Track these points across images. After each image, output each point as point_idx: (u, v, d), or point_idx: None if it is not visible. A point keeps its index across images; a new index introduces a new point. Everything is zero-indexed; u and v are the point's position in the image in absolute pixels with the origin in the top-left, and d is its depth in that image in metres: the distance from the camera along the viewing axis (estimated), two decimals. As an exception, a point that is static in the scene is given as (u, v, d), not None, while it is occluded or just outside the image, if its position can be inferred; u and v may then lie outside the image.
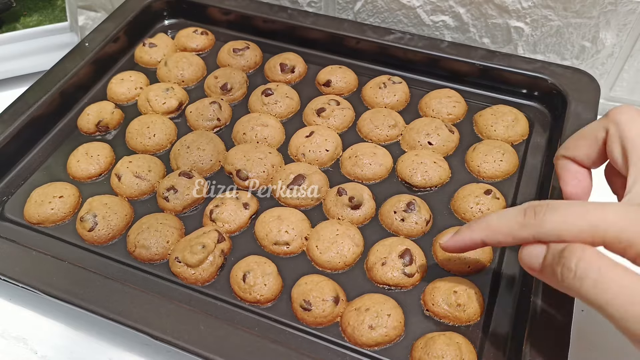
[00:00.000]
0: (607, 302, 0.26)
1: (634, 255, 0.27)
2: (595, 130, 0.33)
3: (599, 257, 0.27)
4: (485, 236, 0.32)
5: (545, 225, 0.29)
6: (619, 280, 0.26)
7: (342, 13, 0.63)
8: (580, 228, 0.28)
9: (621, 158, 0.31)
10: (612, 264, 0.26)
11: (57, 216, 0.45)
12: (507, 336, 0.38)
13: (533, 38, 0.56)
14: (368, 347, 0.37)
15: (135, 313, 0.37)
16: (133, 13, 0.60)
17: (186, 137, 0.50)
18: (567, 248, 0.28)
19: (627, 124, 0.31)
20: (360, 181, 0.47)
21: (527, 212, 0.30)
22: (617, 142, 0.32)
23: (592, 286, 0.26)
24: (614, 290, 0.26)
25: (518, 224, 0.30)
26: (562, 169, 0.35)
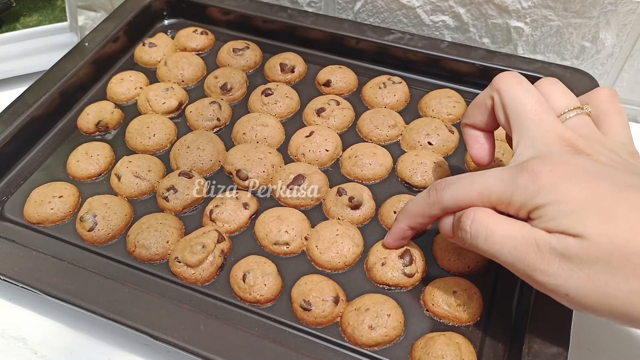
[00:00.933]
0: (496, 252, 0.30)
1: (515, 211, 0.31)
2: (484, 99, 0.37)
3: (487, 216, 0.31)
4: (409, 222, 0.38)
5: (444, 200, 0.34)
6: (502, 233, 0.30)
7: (342, 13, 0.63)
8: (470, 197, 0.32)
9: (505, 123, 0.35)
10: (498, 220, 0.31)
11: (56, 216, 0.45)
12: (507, 336, 0.38)
13: (533, 38, 0.56)
14: (368, 347, 0.37)
15: (135, 313, 0.37)
16: (133, 13, 0.60)
17: (186, 137, 0.50)
18: (463, 213, 0.32)
19: (506, 92, 0.34)
20: (360, 181, 0.47)
21: (430, 192, 0.35)
22: (501, 109, 0.35)
23: (484, 241, 0.31)
24: (500, 242, 0.30)
25: (427, 204, 0.35)
26: (466, 135, 0.39)
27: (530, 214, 0.30)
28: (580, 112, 0.34)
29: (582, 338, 0.40)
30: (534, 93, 0.34)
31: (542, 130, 0.32)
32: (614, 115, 0.34)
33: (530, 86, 0.34)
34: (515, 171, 0.31)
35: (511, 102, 0.34)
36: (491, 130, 0.39)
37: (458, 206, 0.33)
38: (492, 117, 0.37)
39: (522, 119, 0.33)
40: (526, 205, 0.30)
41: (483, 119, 0.37)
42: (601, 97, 0.35)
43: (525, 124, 0.33)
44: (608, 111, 0.34)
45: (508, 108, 0.34)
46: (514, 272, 0.31)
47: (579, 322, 0.40)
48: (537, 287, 0.30)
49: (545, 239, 0.29)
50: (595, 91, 0.35)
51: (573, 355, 0.34)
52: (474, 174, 0.33)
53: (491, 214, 0.31)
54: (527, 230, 0.30)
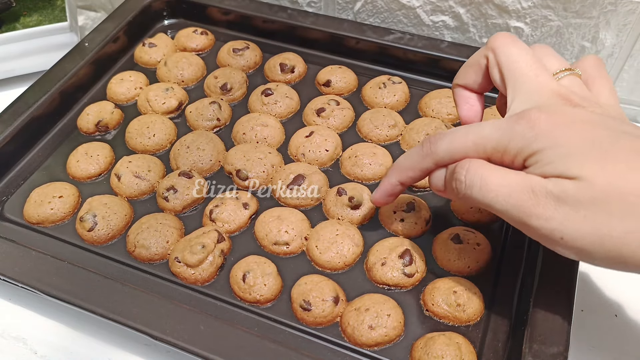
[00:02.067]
0: (491, 200, 0.31)
1: (511, 159, 0.31)
2: (478, 58, 0.37)
3: (481, 165, 0.31)
4: (399, 176, 0.37)
5: (439, 151, 0.34)
6: (497, 181, 0.30)
7: (342, 13, 0.63)
8: (465, 147, 0.32)
9: (500, 81, 0.35)
10: (492, 169, 0.31)
11: (56, 216, 0.45)
12: (507, 336, 0.38)
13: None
14: (368, 347, 0.37)
15: (135, 313, 0.37)
16: (133, 13, 0.60)
17: (186, 137, 0.50)
18: (457, 164, 0.33)
19: (501, 49, 0.35)
20: (360, 181, 0.47)
21: (424, 144, 0.35)
22: (495, 67, 0.35)
23: (478, 190, 0.31)
24: (494, 190, 0.30)
25: (420, 157, 0.35)
26: (456, 95, 0.40)
27: (526, 161, 0.30)
28: (572, 73, 0.35)
29: (583, 338, 0.40)
30: (527, 51, 0.34)
31: (538, 85, 0.33)
32: (601, 79, 0.35)
33: (524, 45, 0.35)
34: (513, 120, 0.31)
35: (506, 60, 0.34)
36: (482, 91, 0.39)
37: (452, 158, 0.33)
38: (486, 77, 0.37)
39: (517, 75, 0.34)
40: (522, 152, 0.30)
41: (477, 79, 0.38)
42: (589, 63, 0.36)
43: (520, 79, 0.33)
44: (596, 76, 0.35)
45: (503, 65, 0.35)
46: (508, 220, 0.31)
47: (579, 321, 0.40)
48: (531, 234, 0.30)
49: (541, 184, 0.29)
50: (584, 58, 0.37)
51: (574, 354, 0.34)
52: (469, 125, 0.33)
53: (485, 163, 0.32)
54: (522, 177, 0.30)
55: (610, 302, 0.43)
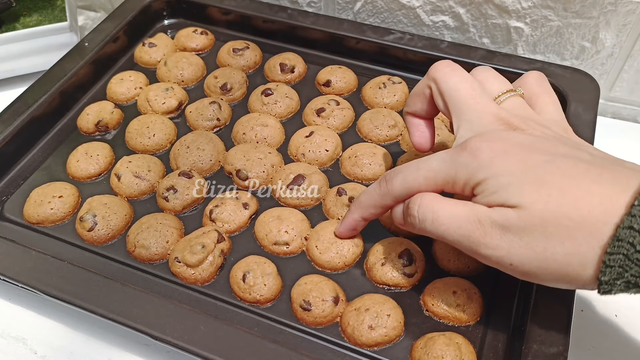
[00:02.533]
0: (443, 232, 0.32)
1: (460, 189, 0.32)
2: (422, 88, 0.38)
3: (432, 199, 0.33)
4: (362, 214, 0.39)
5: (395, 189, 0.35)
6: (447, 214, 0.32)
7: (341, 13, 0.63)
8: (418, 182, 0.34)
9: (445, 109, 0.36)
10: (442, 202, 0.32)
11: (56, 216, 0.45)
12: (507, 336, 0.38)
13: (533, 38, 0.56)
14: (368, 347, 0.37)
15: (135, 313, 0.37)
16: (133, 13, 0.60)
17: (186, 137, 0.50)
18: (410, 200, 0.34)
19: (442, 79, 0.36)
20: (360, 181, 0.47)
21: (381, 182, 0.36)
22: (439, 97, 0.37)
23: (431, 224, 0.32)
24: (445, 223, 0.32)
25: (378, 195, 0.36)
26: (407, 123, 0.41)
27: (474, 190, 0.32)
28: (514, 94, 0.36)
29: (582, 338, 0.40)
30: (467, 78, 0.35)
31: (478, 112, 0.34)
32: (544, 95, 0.36)
33: (464, 72, 0.36)
34: (457, 151, 0.32)
35: (447, 89, 0.36)
36: (431, 117, 0.40)
37: (408, 193, 0.34)
38: (432, 104, 0.39)
39: (459, 104, 0.35)
40: (469, 182, 0.31)
41: (423, 107, 0.39)
42: (531, 80, 0.37)
43: (462, 108, 0.35)
44: (539, 93, 0.36)
45: (445, 95, 0.36)
46: (461, 249, 0.32)
47: (579, 322, 0.40)
48: (483, 261, 0.32)
49: (486, 214, 0.30)
50: (525, 76, 0.38)
51: (573, 355, 0.34)
52: (419, 160, 0.34)
53: (436, 197, 0.33)
54: (469, 208, 0.31)
55: (610, 302, 0.43)
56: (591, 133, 0.46)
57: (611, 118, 0.59)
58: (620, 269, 0.27)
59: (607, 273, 0.27)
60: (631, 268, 0.26)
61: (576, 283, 0.29)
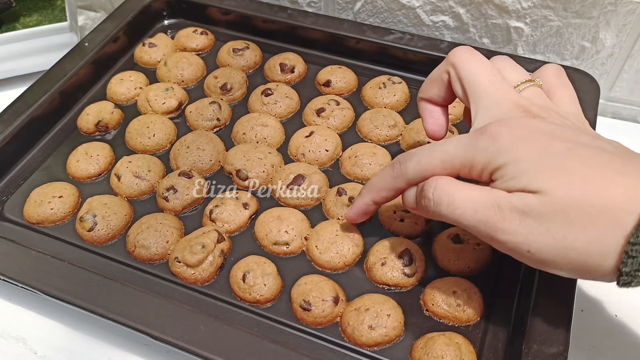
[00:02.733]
0: (459, 217, 0.31)
1: (478, 173, 0.32)
2: (440, 73, 0.38)
3: (448, 182, 0.32)
4: (373, 197, 0.38)
5: (409, 171, 0.34)
6: (463, 198, 0.31)
7: (342, 13, 0.63)
8: (433, 165, 0.33)
9: (462, 95, 0.36)
10: (459, 186, 0.32)
11: (56, 216, 0.45)
12: (507, 336, 0.38)
13: (533, 38, 0.56)
14: (368, 347, 0.37)
15: (135, 313, 0.37)
16: (133, 13, 0.60)
17: (186, 137, 0.50)
18: (425, 183, 0.33)
19: (461, 65, 0.35)
20: (360, 181, 0.47)
21: (394, 165, 0.35)
22: (457, 82, 0.36)
23: (446, 207, 0.32)
24: (462, 207, 0.31)
25: (391, 177, 0.36)
26: (421, 109, 0.40)
27: (492, 175, 0.31)
28: (532, 84, 0.35)
29: (582, 338, 0.40)
30: (487, 64, 0.35)
31: (498, 98, 0.33)
32: (562, 88, 0.36)
33: (483, 58, 0.36)
34: (476, 135, 0.32)
35: (467, 74, 0.35)
36: (446, 104, 0.40)
37: (422, 176, 0.34)
38: (449, 91, 0.38)
39: (478, 89, 0.34)
40: (488, 166, 0.31)
41: (440, 93, 0.38)
42: (549, 72, 0.37)
43: (481, 94, 0.34)
44: (557, 85, 0.36)
45: (464, 80, 0.35)
46: (476, 234, 0.31)
47: (579, 322, 0.40)
48: (499, 247, 0.31)
49: (506, 199, 0.29)
50: (544, 67, 0.37)
51: (573, 355, 0.34)
52: (435, 143, 0.34)
53: (452, 180, 0.32)
54: (488, 192, 0.30)
55: (610, 302, 0.43)
56: (591, 133, 0.46)
57: (611, 118, 0.59)
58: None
59: (629, 264, 0.26)
60: None
61: (595, 274, 0.28)
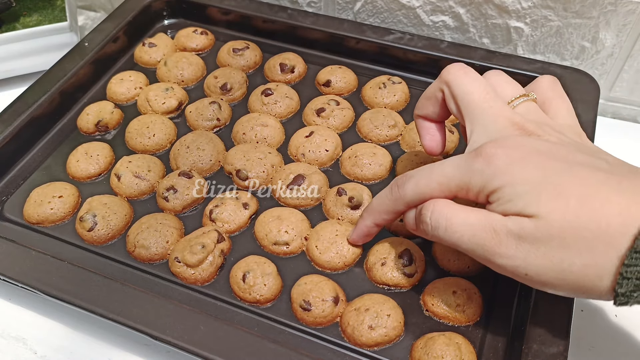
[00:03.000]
0: (457, 240, 0.31)
1: (475, 196, 0.32)
2: (434, 91, 0.38)
3: (445, 206, 0.32)
4: (374, 219, 0.38)
5: (407, 194, 0.34)
6: (461, 222, 0.31)
7: (341, 13, 0.63)
8: (431, 188, 0.33)
9: (457, 113, 0.36)
10: (456, 209, 0.32)
11: (56, 216, 0.45)
12: (507, 336, 0.38)
13: (533, 38, 0.56)
14: (368, 347, 0.37)
15: (135, 313, 0.37)
16: (133, 13, 0.60)
17: (186, 137, 0.50)
18: (423, 206, 0.33)
19: (454, 82, 0.35)
20: (360, 181, 0.47)
21: (393, 188, 0.35)
22: (452, 100, 0.36)
23: (444, 231, 0.32)
24: (459, 231, 0.31)
25: (390, 201, 0.36)
26: (418, 126, 0.41)
27: (489, 198, 0.31)
28: (527, 99, 0.35)
29: (583, 338, 0.40)
30: (481, 82, 0.35)
31: (492, 116, 0.33)
32: (557, 100, 0.36)
33: (477, 75, 0.35)
34: (471, 157, 0.32)
35: (460, 93, 0.35)
36: (442, 120, 0.40)
37: (420, 199, 0.34)
38: (444, 108, 0.38)
39: (472, 107, 0.34)
40: (484, 189, 0.31)
41: (435, 110, 0.39)
42: (544, 84, 0.37)
43: (476, 112, 0.34)
44: (552, 97, 0.36)
45: (458, 98, 0.35)
46: (474, 257, 0.31)
47: (579, 322, 0.40)
48: (497, 270, 0.31)
49: (502, 223, 0.30)
50: (538, 80, 0.37)
51: (573, 355, 0.34)
52: (433, 164, 0.34)
53: (449, 204, 0.32)
54: (484, 216, 0.31)
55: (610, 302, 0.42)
56: (591, 133, 0.46)
57: (611, 118, 0.59)
58: (637, 281, 0.26)
59: (624, 285, 0.27)
60: None
61: (592, 294, 0.29)
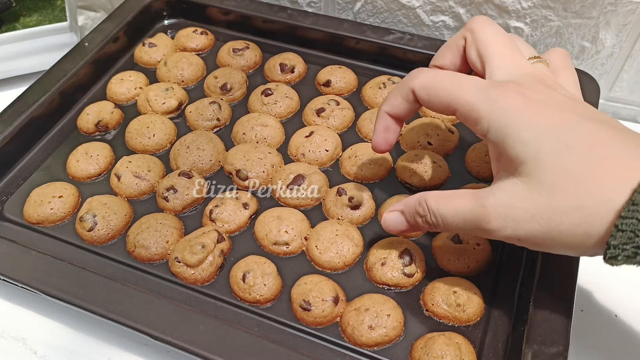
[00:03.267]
0: (453, 229, 0.34)
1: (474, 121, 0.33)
2: (456, 40, 0.38)
3: (434, 197, 0.34)
4: (385, 108, 0.39)
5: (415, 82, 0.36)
6: (452, 212, 0.33)
7: (341, 13, 0.63)
8: (444, 89, 0.34)
9: (476, 58, 0.36)
10: (445, 198, 0.34)
11: (56, 216, 0.45)
12: (507, 336, 0.38)
13: (533, 38, 0.56)
14: (368, 347, 0.37)
15: (135, 313, 0.37)
16: (133, 13, 0.60)
17: (186, 137, 0.50)
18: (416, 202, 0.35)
19: (479, 30, 0.36)
20: (360, 181, 0.47)
21: (406, 80, 0.37)
22: (473, 47, 0.37)
23: (442, 227, 0.34)
24: (453, 222, 0.33)
25: (399, 87, 0.38)
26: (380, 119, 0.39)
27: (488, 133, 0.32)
28: (541, 61, 0.36)
29: (583, 338, 0.40)
30: (504, 34, 0.36)
31: (514, 62, 0.34)
32: (567, 71, 0.37)
33: (501, 29, 0.37)
34: (492, 84, 0.33)
35: (484, 38, 0.36)
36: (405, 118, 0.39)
37: (425, 91, 0.35)
38: (462, 58, 0.38)
39: (495, 51, 0.35)
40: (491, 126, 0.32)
41: (453, 60, 0.39)
42: (557, 54, 0.38)
43: (498, 56, 0.35)
44: (562, 67, 0.37)
45: (481, 43, 0.36)
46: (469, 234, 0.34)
47: (579, 322, 0.40)
48: (492, 238, 0.33)
49: (489, 193, 0.32)
50: (551, 50, 0.38)
51: (573, 354, 0.34)
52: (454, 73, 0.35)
53: (438, 194, 0.35)
54: (471, 196, 0.33)
55: (610, 302, 0.43)
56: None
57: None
58: (631, 234, 0.27)
59: (618, 237, 0.27)
60: None
61: (579, 250, 0.30)
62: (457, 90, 0.33)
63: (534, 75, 0.33)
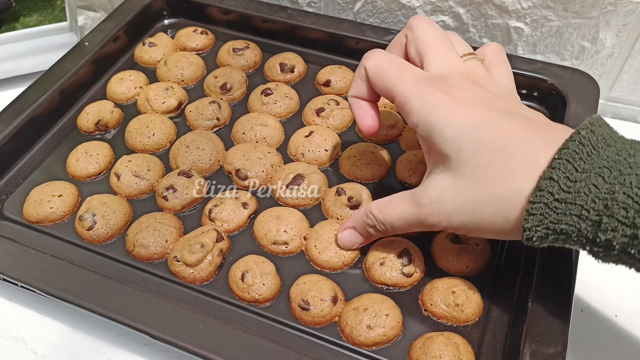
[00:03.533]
0: (401, 232, 0.38)
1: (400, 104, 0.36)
2: (399, 38, 0.40)
3: (376, 206, 0.38)
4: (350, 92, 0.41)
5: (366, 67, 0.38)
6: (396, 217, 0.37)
7: (341, 13, 0.63)
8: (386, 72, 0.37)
9: (417, 56, 0.38)
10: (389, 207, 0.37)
11: (56, 215, 0.45)
12: (506, 336, 0.38)
13: (533, 38, 0.56)
14: (366, 346, 0.37)
15: (134, 312, 0.37)
16: (133, 13, 0.60)
17: (185, 137, 0.50)
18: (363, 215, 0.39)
19: (417, 28, 0.38)
20: (360, 181, 0.47)
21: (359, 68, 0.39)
22: (413, 44, 0.39)
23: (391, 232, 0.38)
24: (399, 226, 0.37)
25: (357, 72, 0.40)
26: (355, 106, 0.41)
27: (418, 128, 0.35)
28: (475, 57, 0.38)
29: (582, 338, 0.40)
30: (441, 32, 0.38)
31: (448, 60, 0.37)
32: (501, 65, 0.39)
33: (439, 28, 0.39)
34: (427, 80, 0.35)
35: (422, 36, 0.38)
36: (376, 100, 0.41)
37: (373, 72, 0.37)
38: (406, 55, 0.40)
39: (431, 49, 0.37)
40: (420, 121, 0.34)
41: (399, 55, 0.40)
42: (491, 49, 0.40)
43: (433, 53, 0.37)
44: (496, 62, 0.39)
45: (419, 41, 0.38)
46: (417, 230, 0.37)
47: (578, 322, 0.40)
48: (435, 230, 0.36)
49: (422, 192, 0.35)
50: (486, 46, 0.41)
51: (573, 355, 0.34)
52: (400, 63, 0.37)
53: (380, 202, 0.38)
54: (408, 200, 0.36)
55: (610, 302, 0.43)
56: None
57: (611, 118, 0.59)
58: (541, 217, 0.30)
59: (530, 220, 0.30)
60: (550, 215, 0.29)
61: (504, 234, 0.33)
62: (397, 79, 0.36)
63: (464, 73, 0.36)
